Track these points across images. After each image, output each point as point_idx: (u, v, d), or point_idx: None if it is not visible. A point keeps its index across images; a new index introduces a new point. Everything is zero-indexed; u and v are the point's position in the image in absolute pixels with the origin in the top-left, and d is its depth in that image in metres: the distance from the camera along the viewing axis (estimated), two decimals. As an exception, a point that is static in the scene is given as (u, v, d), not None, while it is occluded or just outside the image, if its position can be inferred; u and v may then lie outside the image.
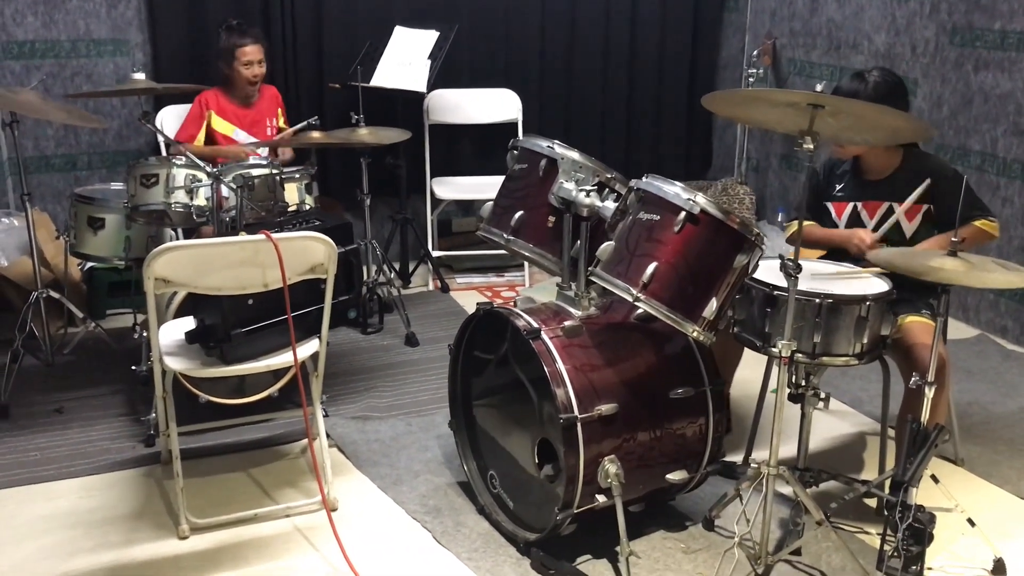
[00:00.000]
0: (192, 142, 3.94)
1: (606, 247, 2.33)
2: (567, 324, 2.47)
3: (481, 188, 4.81)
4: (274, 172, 3.33)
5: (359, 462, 3.01)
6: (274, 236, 2.41)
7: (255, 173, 3.25)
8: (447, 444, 3.07)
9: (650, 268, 2.21)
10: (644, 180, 2.33)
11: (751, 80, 5.20)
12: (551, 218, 2.59)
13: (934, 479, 2.46)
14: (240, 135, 4.08)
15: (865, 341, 2.41)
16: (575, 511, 2.38)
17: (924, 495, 2.38)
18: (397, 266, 4.64)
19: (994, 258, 2.40)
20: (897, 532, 2.33)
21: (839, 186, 2.90)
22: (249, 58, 3.97)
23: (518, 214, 2.61)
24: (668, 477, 2.49)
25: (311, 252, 2.51)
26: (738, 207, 4.95)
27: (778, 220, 5.25)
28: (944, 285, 2.29)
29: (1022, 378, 3.73)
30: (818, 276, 2.58)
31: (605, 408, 2.35)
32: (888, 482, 2.57)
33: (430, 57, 4.39)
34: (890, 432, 2.86)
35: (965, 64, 4.16)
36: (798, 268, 2.21)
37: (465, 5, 4.79)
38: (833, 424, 3.33)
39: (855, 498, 2.74)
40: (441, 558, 2.55)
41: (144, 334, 3.34)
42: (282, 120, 4.22)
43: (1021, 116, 3.95)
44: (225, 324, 2.57)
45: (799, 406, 2.58)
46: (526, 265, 4.77)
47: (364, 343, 3.96)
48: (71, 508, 2.75)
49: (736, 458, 2.97)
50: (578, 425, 2.31)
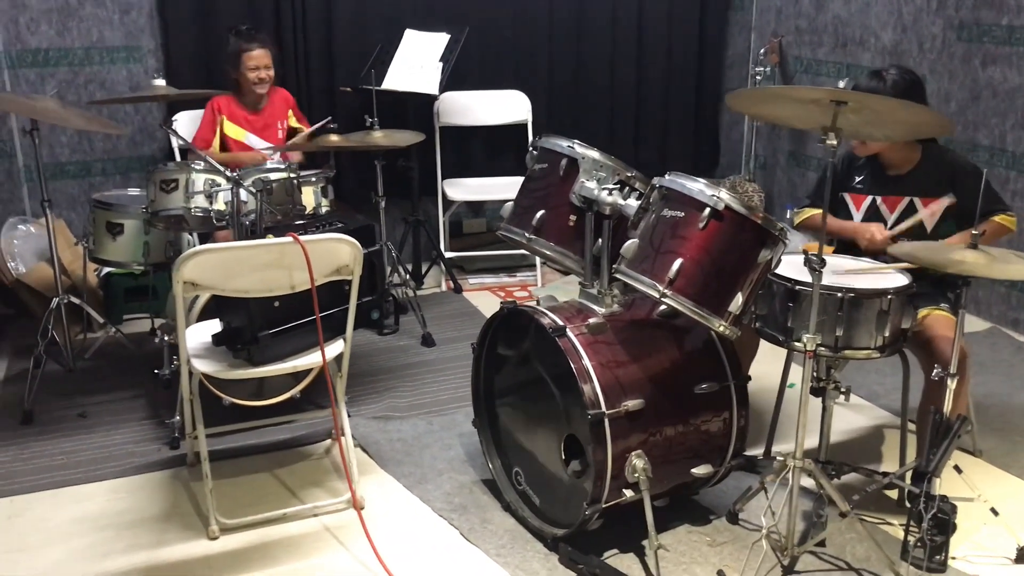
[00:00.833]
0: (208, 148, 3.97)
1: (630, 245, 2.36)
2: (592, 321, 2.49)
3: (492, 189, 4.85)
4: (292, 176, 3.35)
5: (383, 461, 3.04)
6: (301, 238, 2.43)
7: (273, 177, 3.28)
8: (469, 442, 3.10)
9: (676, 265, 2.24)
10: (667, 178, 2.36)
11: (758, 79, 5.23)
12: (572, 217, 2.62)
13: (957, 469, 2.49)
14: (252, 139, 4.10)
15: (887, 334, 2.44)
16: (603, 506, 2.40)
17: (945, 486, 2.40)
18: (410, 267, 4.67)
19: (1013, 251, 2.42)
20: (921, 522, 2.36)
21: (858, 178, 2.93)
22: (255, 62, 3.99)
23: (539, 213, 2.63)
24: (693, 471, 2.52)
25: (337, 254, 2.54)
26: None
27: (787, 217, 5.27)
28: (966, 278, 2.31)
29: (1035, 370, 3.76)
30: (838, 271, 2.60)
31: (632, 404, 2.38)
32: (909, 473, 2.61)
33: (441, 60, 4.41)
34: (910, 425, 2.89)
35: (973, 59, 4.19)
36: (822, 263, 2.24)
37: (474, 8, 4.82)
38: (851, 417, 3.36)
39: (876, 490, 2.77)
40: (470, 555, 2.57)
41: (165, 338, 3.37)
42: (294, 120, 4.24)
43: (1030, 110, 3.99)
44: (252, 326, 2.60)
45: (818, 400, 2.61)
46: (538, 265, 4.80)
47: (381, 344, 3.99)
48: (100, 511, 2.78)
49: (755, 452, 3.00)
50: (605, 421, 2.34)
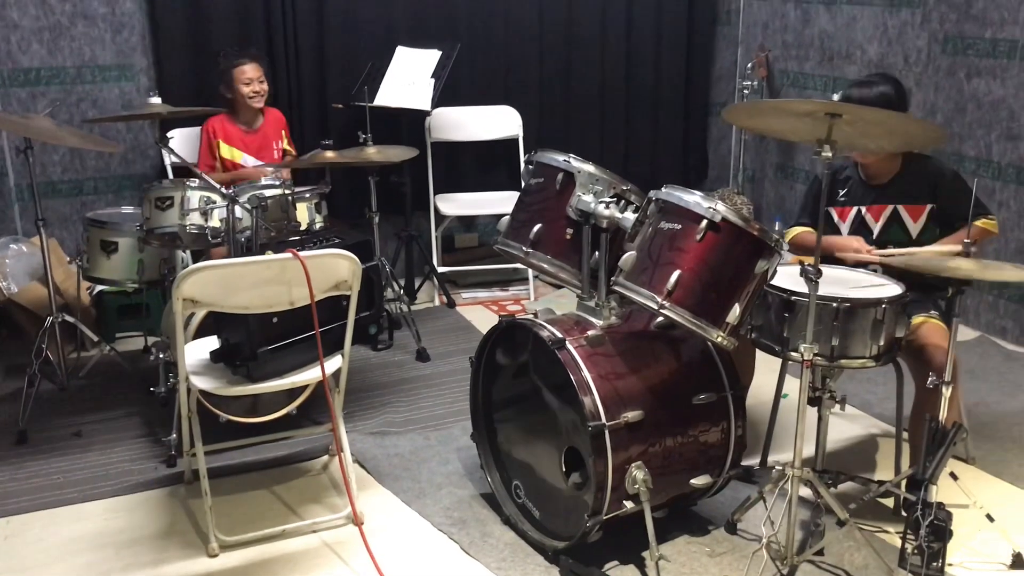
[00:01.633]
0: (213, 172, 3.99)
1: (628, 257, 2.38)
2: (590, 334, 2.51)
3: (484, 204, 4.88)
4: (287, 192, 3.36)
5: (381, 477, 3.04)
6: (300, 254, 2.45)
7: (268, 194, 3.28)
8: (467, 456, 3.11)
9: (674, 276, 2.26)
10: (663, 190, 2.39)
11: (746, 92, 5.29)
12: (569, 230, 2.64)
13: (953, 477, 2.52)
14: (248, 160, 4.12)
15: (881, 343, 2.47)
16: (604, 518, 2.41)
17: (940, 493, 2.43)
18: (403, 282, 4.68)
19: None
20: (918, 530, 2.38)
21: (842, 191, 2.98)
22: (247, 76, 4.02)
23: (536, 227, 2.65)
24: (692, 482, 2.53)
25: (336, 269, 2.55)
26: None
27: (775, 229, 5.32)
28: (960, 287, 2.35)
29: (1025, 377, 3.80)
30: (832, 281, 2.63)
31: (631, 415, 2.39)
32: (904, 481, 2.63)
33: (433, 76, 4.44)
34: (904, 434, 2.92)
35: (957, 72, 4.25)
36: (818, 273, 2.27)
37: (464, 24, 4.86)
38: (845, 427, 3.38)
39: (873, 498, 2.79)
40: (470, 569, 2.58)
41: (161, 355, 3.36)
42: (286, 143, 4.26)
43: (1014, 121, 4.05)
44: (251, 342, 2.60)
45: (813, 409, 2.63)
46: (531, 278, 4.83)
47: (376, 359, 4.00)
48: (98, 529, 2.77)
49: (751, 462, 3.02)
50: (606, 432, 2.36)
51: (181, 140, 4.18)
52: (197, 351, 2.82)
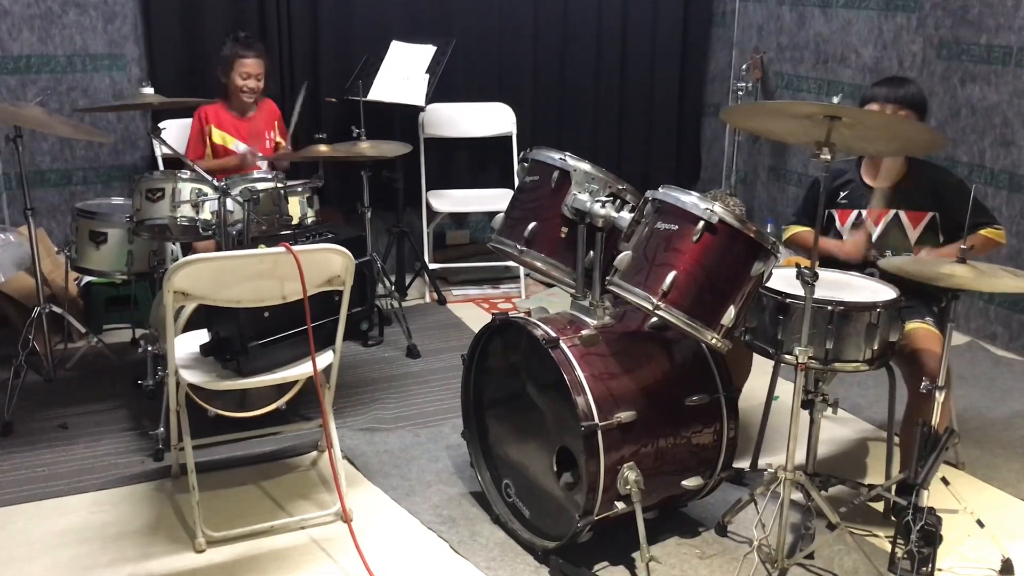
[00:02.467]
0: (202, 159, 3.95)
1: (624, 257, 2.37)
2: (584, 333, 2.50)
3: (476, 201, 4.86)
4: (279, 186, 3.34)
5: (370, 473, 3.02)
6: (293, 248, 2.42)
7: (260, 187, 3.26)
8: (457, 454, 3.09)
9: (669, 277, 2.25)
10: (660, 191, 2.38)
11: (740, 94, 5.28)
12: (564, 229, 2.62)
13: (944, 482, 2.52)
14: (240, 147, 4.08)
15: (875, 347, 2.46)
16: (595, 518, 2.40)
17: (931, 497, 2.42)
18: (394, 279, 4.65)
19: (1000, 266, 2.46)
20: (909, 534, 2.38)
21: (843, 193, 2.97)
22: (247, 70, 3.99)
23: (531, 225, 2.63)
24: (684, 483, 2.53)
25: (329, 264, 2.53)
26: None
27: (767, 230, 5.31)
28: (955, 292, 2.34)
29: (1014, 383, 3.81)
30: (827, 284, 2.62)
31: (624, 415, 2.38)
32: (895, 486, 2.63)
33: (428, 71, 4.42)
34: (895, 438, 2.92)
35: (952, 77, 4.26)
36: (815, 276, 2.26)
37: (459, 20, 4.83)
38: (835, 430, 3.38)
39: (863, 502, 2.78)
40: (459, 568, 2.56)
41: (149, 348, 3.33)
42: (279, 134, 4.23)
43: (1007, 127, 4.05)
44: (242, 336, 2.58)
45: (805, 412, 2.62)
46: (522, 276, 4.81)
47: (365, 355, 3.97)
48: (84, 523, 2.74)
49: (742, 464, 3.01)
50: (598, 433, 2.34)
51: (173, 131, 4.14)
52: (187, 344, 2.79)
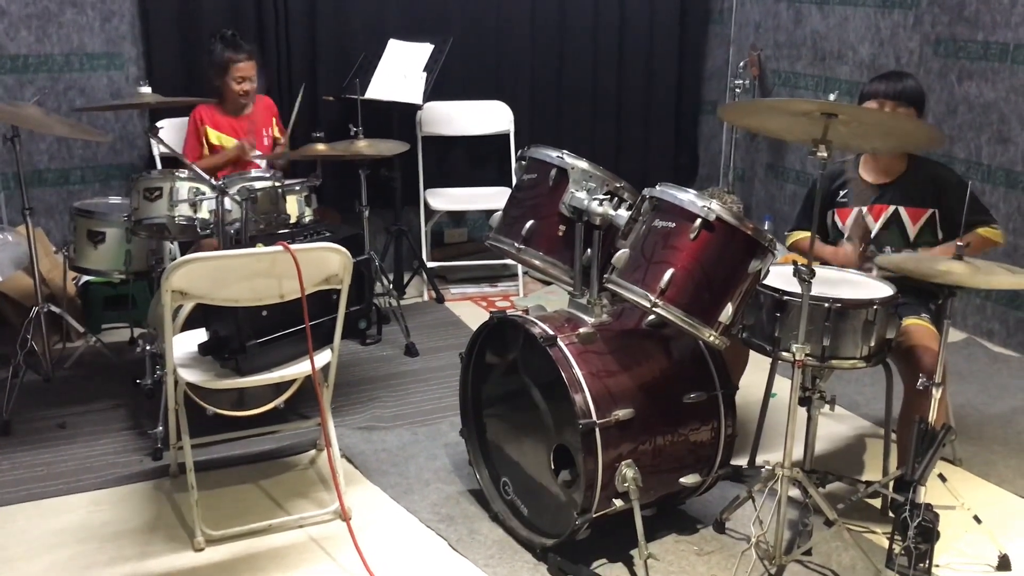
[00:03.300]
0: (200, 160, 3.94)
1: (621, 255, 2.37)
2: (582, 331, 2.50)
3: (474, 199, 4.86)
4: (276, 185, 3.34)
5: (368, 472, 3.02)
6: (291, 247, 2.42)
7: (258, 186, 3.27)
8: (455, 452, 3.10)
9: (667, 274, 2.25)
10: (658, 188, 2.38)
11: (737, 91, 5.28)
12: (562, 227, 2.63)
13: (942, 478, 2.52)
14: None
15: (872, 344, 2.47)
16: (593, 515, 2.41)
17: (928, 494, 2.42)
18: (392, 277, 4.66)
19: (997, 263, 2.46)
20: (907, 530, 2.39)
21: (843, 193, 2.98)
22: (242, 74, 3.98)
23: (529, 223, 2.64)
24: (682, 481, 2.53)
25: (327, 263, 2.53)
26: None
27: (765, 228, 5.32)
28: (951, 288, 2.35)
29: (1011, 379, 3.82)
30: (824, 281, 2.63)
31: (622, 413, 2.39)
32: (893, 482, 2.63)
33: (425, 69, 4.42)
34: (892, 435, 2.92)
35: (949, 74, 4.26)
36: (811, 273, 2.27)
37: (457, 18, 4.83)
38: (833, 427, 3.39)
39: (861, 498, 2.79)
40: (458, 565, 2.57)
41: (147, 347, 3.33)
42: (276, 130, 4.23)
43: (1004, 124, 4.06)
44: (240, 335, 2.58)
45: (802, 409, 2.63)
46: (520, 274, 4.81)
47: (364, 354, 3.98)
48: (82, 522, 2.74)
49: (740, 461, 3.02)
50: (596, 430, 2.35)
51: (170, 130, 4.15)
52: (185, 343, 2.79)
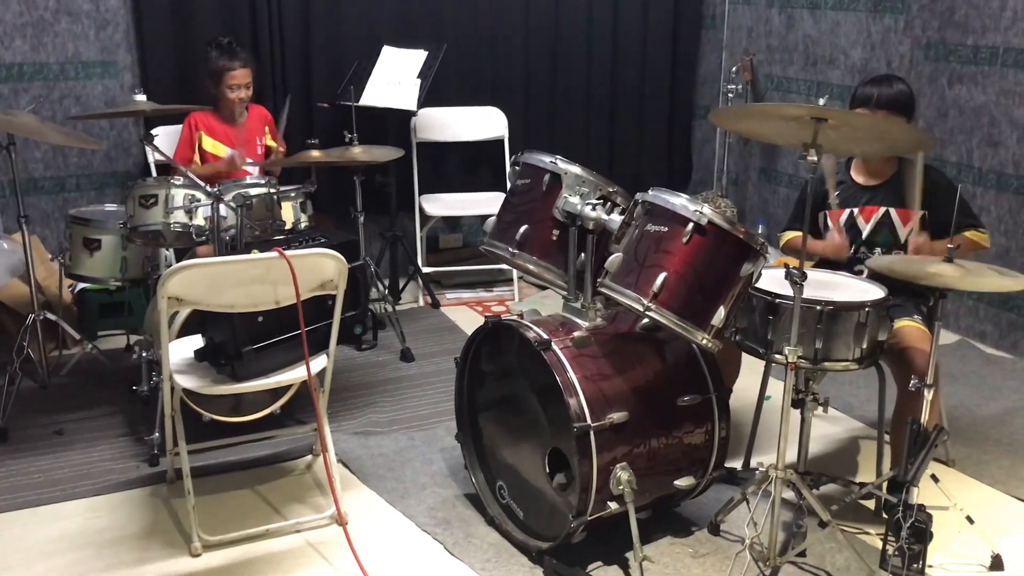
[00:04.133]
0: (190, 165, 3.95)
1: (614, 259, 2.39)
2: (576, 335, 2.52)
3: (469, 204, 4.88)
4: (271, 191, 3.36)
5: (365, 477, 3.03)
6: (286, 253, 2.44)
7: (253, 192, 3.28)
8: (451, 457, 3.11)
9: (660, 278, 2.27)
10: (650, 193, 2.40)
11: (730, 96, 5.31)
12: (555, 232, 2.64)
13: (934, 479, 2.54)
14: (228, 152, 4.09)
15: (864, 346, 2.49)
16: (588, 518, 2.42)
17: (921, 495, 2.45)
18: (387, 283, 4.67)
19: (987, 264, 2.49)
20: (900, 531, 2.40)
21: (834, 194, 3.00)
22: (237, 82, 3.99)
23: (523, 228, 2.66)
24: (676, 483, 2.55)
25: (322, 269, 2.55)
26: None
27: (759, 232, 5.35)
28: (942, 290, 2.37)
29: (1004, 381, 3.84)
30: (816, 284, 2.65)
31: (616, 416, 2.40)
32: (886, 483, 2.65)
33: (419, 76, 4.44)
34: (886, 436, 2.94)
35: (940, 78, 4.29)
36: (803, 276, 2.29)
37: (450, 25, 4.86)
38: (826, 429, 3.41)
39: (855, 499, 2.81)
40: (455, 569, 2.58)
41: (143, 354, 3.34)
42: (270, 138, 4.24)
43: (994, 127, 4.09)
44: (236, 341, 2.59)
45: (796, 411, 2.65)
46: (515, 279, 4.83)
47: (360, 359, 3.99)
48: (79, 529, 2.75)
49: (734, 464, 3.03)
50: (591, 434, 2.36)
51: (165, 138, 4.15)
52: (181, 350, 2.80)
